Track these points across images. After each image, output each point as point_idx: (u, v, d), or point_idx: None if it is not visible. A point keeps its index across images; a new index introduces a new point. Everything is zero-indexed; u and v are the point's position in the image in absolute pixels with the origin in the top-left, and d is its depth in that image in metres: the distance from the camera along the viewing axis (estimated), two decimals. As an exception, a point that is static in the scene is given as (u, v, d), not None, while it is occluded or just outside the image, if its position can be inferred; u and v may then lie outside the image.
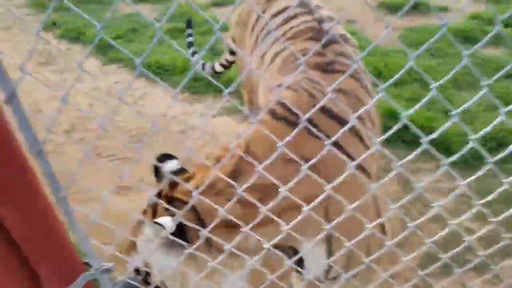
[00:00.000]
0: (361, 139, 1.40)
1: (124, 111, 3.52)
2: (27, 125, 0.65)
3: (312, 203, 0.93)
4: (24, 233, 0.82)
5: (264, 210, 0.93)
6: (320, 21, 1.79)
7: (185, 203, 1.16)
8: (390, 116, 2.79)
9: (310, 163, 0.85)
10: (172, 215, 1.15)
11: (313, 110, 0.81)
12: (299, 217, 0.95)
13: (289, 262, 1.11)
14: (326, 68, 1.53)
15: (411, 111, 0.76)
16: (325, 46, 1.60)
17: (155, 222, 1.11)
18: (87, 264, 0.99)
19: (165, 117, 3.52)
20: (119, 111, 3.55)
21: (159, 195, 1.26)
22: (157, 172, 1.37)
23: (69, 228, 0.91)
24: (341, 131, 0.81)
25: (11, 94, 0.61)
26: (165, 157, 1.36)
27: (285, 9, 1.98)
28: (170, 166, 1.36)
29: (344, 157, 0.90)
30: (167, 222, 1.12)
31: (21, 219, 0.78)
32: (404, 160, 0.83)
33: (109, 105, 3.66)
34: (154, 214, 1.24)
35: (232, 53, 2.73)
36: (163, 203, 1.03)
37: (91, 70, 4.36)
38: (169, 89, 3.91)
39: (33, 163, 0.72)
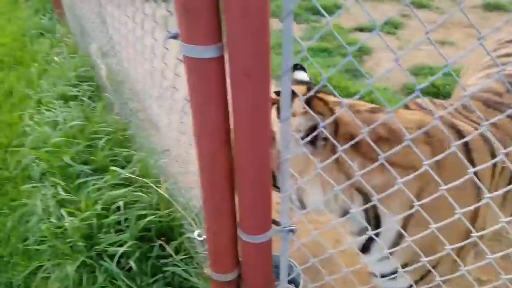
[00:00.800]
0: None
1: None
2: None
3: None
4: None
5: (381, 157, 0.94)
6: None
7: (331, 110, 1.25)
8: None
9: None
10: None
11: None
12: (416, 173, 0.94)
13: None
14: (490, 104, 1.52)
15: None
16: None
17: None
18: (274, 221, 1.16)
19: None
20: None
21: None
22: None
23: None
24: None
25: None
26: (296, 67, 1.48)
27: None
28: (298, 75, 1.46)
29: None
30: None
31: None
32: None
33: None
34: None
35: None
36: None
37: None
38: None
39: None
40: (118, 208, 1.88)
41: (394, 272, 1.36)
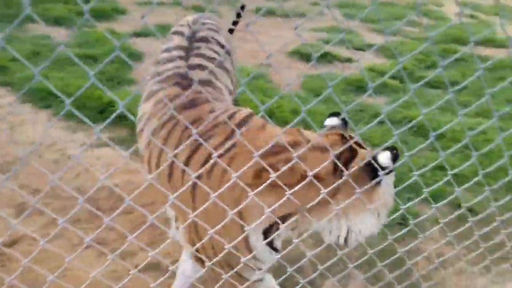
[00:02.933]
0: None
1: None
2: None
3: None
4: None
5: None
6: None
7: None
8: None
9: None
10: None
11: None
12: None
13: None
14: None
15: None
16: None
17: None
18: None
19: (41, 145, 3.31)
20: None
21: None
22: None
23: None
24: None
25: None
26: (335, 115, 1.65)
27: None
28: (330, 121, 1.63)
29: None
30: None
31: None
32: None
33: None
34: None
35: None
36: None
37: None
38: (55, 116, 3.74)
39: None
40: None
41: None
